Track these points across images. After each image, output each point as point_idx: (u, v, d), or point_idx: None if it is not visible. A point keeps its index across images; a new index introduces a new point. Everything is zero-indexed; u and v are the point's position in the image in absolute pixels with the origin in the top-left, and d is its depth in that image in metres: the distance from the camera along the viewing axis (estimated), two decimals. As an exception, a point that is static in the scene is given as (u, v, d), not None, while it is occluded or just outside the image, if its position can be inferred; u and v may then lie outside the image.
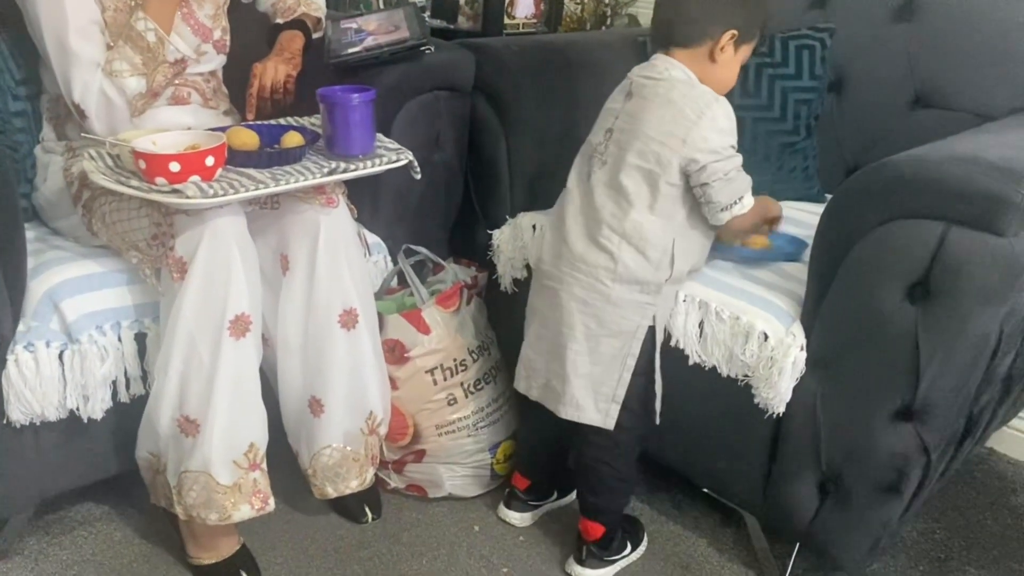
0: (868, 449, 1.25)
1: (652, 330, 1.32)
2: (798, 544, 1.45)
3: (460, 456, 1.59)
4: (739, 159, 1.29)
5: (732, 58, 1.32)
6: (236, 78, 1.62)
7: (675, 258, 1.30)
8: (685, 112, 1.27)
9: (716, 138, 1.27)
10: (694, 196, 1.29)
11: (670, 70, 1.31)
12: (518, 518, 1.57)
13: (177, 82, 1.49)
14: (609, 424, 1.34)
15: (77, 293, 1.31)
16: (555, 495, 1.60)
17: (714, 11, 1.29)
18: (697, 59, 1.31)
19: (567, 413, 1.36)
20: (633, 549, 1.50)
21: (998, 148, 1.22)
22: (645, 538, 1.54)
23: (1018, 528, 1.66)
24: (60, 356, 1.26)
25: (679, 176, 1.27)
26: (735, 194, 1.28)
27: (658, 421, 1.37)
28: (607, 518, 1.43)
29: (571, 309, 1.32)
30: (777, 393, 1.28)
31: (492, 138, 1.70)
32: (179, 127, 1.39)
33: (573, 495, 1.56)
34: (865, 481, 1.27)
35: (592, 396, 1.34)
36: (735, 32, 1.29)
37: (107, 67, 1.36)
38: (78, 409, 1.29)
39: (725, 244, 1.46)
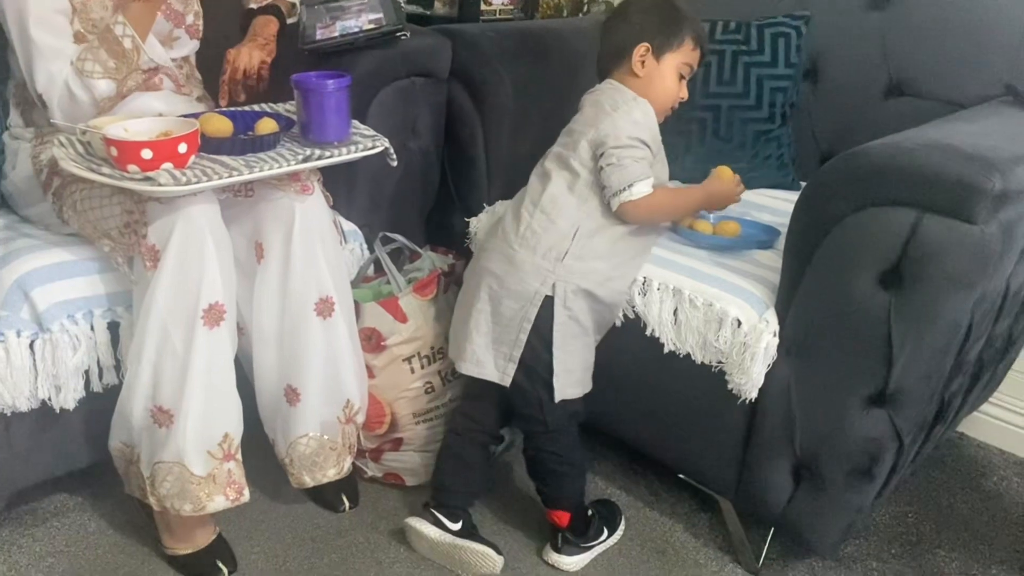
0: (841, 434, 1.26)
1: (551, 301, 1.34)
2: (773, 528, 1.47)
3: (438, 444, 1.59)
4: (641, 152, 1.36)
5: (657, 69, 1.41)
6: (210, 64, 1.60)
7: (580, 236, 1.35)
8: (605, 107, 1.39)
9: (626, 127, 1.36)
10: None
11: (603, 84, 1.44)
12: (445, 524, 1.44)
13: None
14: (506, 381, 1.38)
15: (48, 281, 1.29)
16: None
17: (620, 31, 1.42)
18: (626, 80, 1.42)
19: (468, 369, 1.41)
20: (610, 534, 1.51)
21: (971, 136, 1.23)
22: (622, 523, 1.55)
23: (987, 511, 1.68)
24: (31, 346, 1.25)
25: (589, 158, 1.37)
26: (624, 181, 1.34)
27: (556, 400, 1.37)
28: (568, 503, 1.45)
29: (481, 273, 1.40)
30: (749, 379, 1.30)
31: (469, 125, 1.70)
32: (151, 113, 1.37)
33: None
34: (838, 466, 1.29)
35: (492, 354, 1.39)
36: (647, 44, 1.39)
37: (78, 63, 1.33)
38: (50, 399, 1.28)
39: (694, 231, 1.49)
